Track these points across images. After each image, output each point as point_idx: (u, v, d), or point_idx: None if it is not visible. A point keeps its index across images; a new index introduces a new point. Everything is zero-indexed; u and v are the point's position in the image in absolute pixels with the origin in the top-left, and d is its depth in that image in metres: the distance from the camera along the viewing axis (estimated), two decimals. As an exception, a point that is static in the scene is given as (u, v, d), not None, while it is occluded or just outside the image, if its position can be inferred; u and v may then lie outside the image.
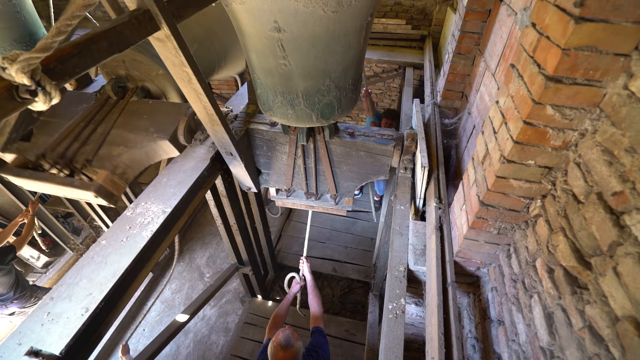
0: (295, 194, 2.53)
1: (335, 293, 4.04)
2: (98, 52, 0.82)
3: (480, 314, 1.54)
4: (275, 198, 2.56)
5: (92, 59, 0.80)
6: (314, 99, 1.50)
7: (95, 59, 0.82)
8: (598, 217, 0.81)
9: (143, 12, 0.93)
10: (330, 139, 1.99)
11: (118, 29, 0.86)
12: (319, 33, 1.21)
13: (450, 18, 3.23)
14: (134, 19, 0.91)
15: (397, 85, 4.83)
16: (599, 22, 0.75)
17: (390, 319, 1.28)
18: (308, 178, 2.29)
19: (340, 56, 1.37)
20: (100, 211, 3.70)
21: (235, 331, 3.67)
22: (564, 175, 1.01)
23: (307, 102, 1.51)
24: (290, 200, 2.54)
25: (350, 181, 2.24)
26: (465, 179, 1.51)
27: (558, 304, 0.96)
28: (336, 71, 1.42)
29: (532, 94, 0.93)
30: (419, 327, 2.18)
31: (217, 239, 4.76)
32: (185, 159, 1.97)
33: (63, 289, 1.31)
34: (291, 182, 2.32)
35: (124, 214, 1.63)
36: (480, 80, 1.95)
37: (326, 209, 2.55)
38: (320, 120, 1.61)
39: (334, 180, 2.24)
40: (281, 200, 2.56)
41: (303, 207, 2.60)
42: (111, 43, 0.85)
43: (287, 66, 1.34)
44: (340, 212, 2.64)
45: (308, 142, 2.00)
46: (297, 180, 2.34)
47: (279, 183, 2.39)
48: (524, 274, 1.18)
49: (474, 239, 1.41)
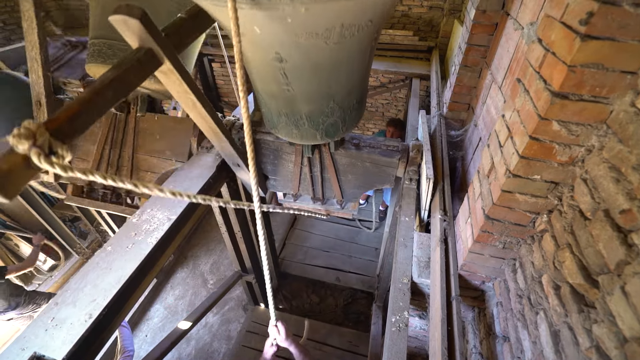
0: (302, 198, 2.58)
1: (339, 303, 4.01)
2: (104, 103, 0.81)
3: (485, 329, 1.52)
4: (283, 201, 2.63)
5: (98, 111, 0.80)
6: (318, 120, 1.51)
7: (101, 111, 0.81)
8: (605, 234, 0.80)
9: (145, 52, 0.92)
10: (336, 151, 2.00)
11: (122, 76, 0.85)
12: (321, 62, 1.20)
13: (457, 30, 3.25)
14: (135, 62, 0.90)
15: (403, 96, 4.85)
16: (605, 39, 0.75)
17: (393, 332, 1.27)
18: (314, 185, 2.32)
19: (344, 80, 1.36)
20: (106, 216, 3.74)
21: (237, 339, 3.64)
22: (570, 191, 1.00)
23: (311, 124, 1.52)
24: (298, 204, 2.58)
25: (356, 188, 2.26)
26: (470, 191, 1.51)
27: (565, 322, 0.94)
28: (340, 94, 1.42)
29: (538, 109, 0.93)
30: (422, 341, 2.14)
31: (221, 245, 4.77)
32: (192, 166, 2.00)
33: (68, 295, 1.33)
34: (298, 187, 2.35)
35: (129, 220, 1.64)
36: (486, 93, 1.95)
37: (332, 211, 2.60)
38: (324, 138, 1.62)
39: (339, 187, 2.26)
40: (289, 203, 2.62)
41: (310, 210, 2.62)
42: (116, 91, 0.84)
43: (291, 91, 1.34)
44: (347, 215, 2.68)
45: (314, 154, 2.02)
46: (303, 186, 2.37)
47: (286, 188, 2.42)
48: (530, 290, 1.16)
49: (479, 253, 1.40)
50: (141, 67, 0.91)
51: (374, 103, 5.08)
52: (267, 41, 1.10)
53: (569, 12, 0.82)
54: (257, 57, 1.23)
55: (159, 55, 0.95)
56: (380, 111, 5.18)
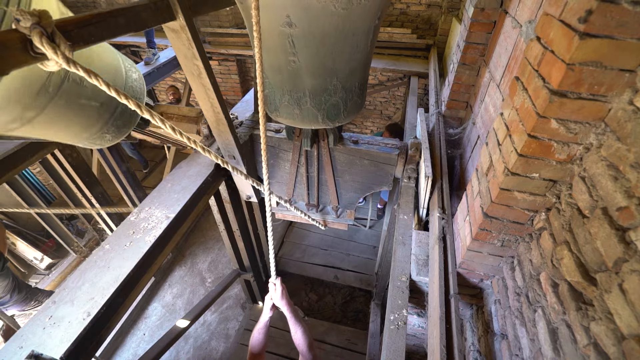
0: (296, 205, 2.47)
1: (337, 301, 4.02)
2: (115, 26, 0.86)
3: (483, 327, 1.52)
4: (275, 210, 2.50)
5: (108, 31, 0.84)
6: (321, 98, 1.51)
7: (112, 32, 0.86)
8: (603, 232, 0.81)
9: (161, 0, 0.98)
10: (335, 146, 1.99)
11: (136, 9, 0.91)
12: (328, 30, 1.23)
13: (456, 28, 3.25)
14: (152, 4, 0.95)
15: (401, 94, 4.85)
16: (603, 38, 0.75)
17: (392, 330, 1.27)
18: (310, 188, 2.27)
19: (347, 56, 1.38)
20: (104, 214, 3.73)
21: (235, 338, 3.64)
22: (568, 189, 1.00)
23: (313, 101, 1.52)
24: (291, 213, 2.45)
25: (352, 192, 2.22)
26: (469, 190, 1.51)
27: (562, 320, 0.94)
28: (343, 71, 1.44)
29: (537, 108, 0.93)
30: (421, 339, 2.15)
31: (219, 244, 4.76)
32: (190, 164, 1.99)
33: (66, 293, 1.32)
34: (292, 191, 2.30)
35: (128, 218, 1.64)
36: (485, 91, 1.95)
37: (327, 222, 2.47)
38: (325, 121, 1.61)
39: (336, 190, 2.22)
40: (281, 212, 2.50)
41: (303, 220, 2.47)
42: (128, 21, 0.89)
43: (296, 63, 1.35)
44: (341, 227, 2.51)
45: (312, 148, 2.00)
46: (298, 190, 2.32)
47: (280, 193, 2.37)
48: (528, 288, 1.16)
49: (478, 251, 1.40)
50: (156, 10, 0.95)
51: (372, 101, 5.08)
52: (280, 2, 1.13)
53: (568, 10, 0.82)
54: (268, 24, 1.25)
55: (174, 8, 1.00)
56: (379, 109, 5.18)
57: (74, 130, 1.70)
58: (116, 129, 1.86)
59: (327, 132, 1.93)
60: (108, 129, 1.83)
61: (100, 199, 3.55)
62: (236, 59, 5.06)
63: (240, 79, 5.31)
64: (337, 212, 2.39)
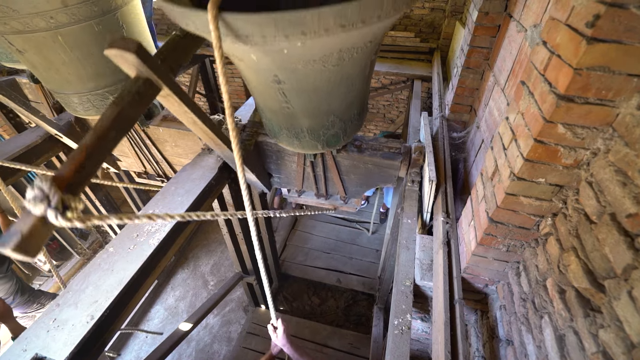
0: (306, 194, 2.63)
1: (340, 305, 4.00)
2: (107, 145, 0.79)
3: (488, 332, 1.51)
4: (287, 196, 2.66)
5: (102, 155, 0.78)
6: (319, 132, 1.52)
7: (105, 154, 0.79)
8: (611, 238, 0.80)
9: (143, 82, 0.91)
10: (338, 154, 2.01)
11: (123, 114, 0.82)
12: (319, 84, 1.20)
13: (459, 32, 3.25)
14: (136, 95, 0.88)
15: (404, 97, 4.85)
16: (611, 42, 0.74)
17: (396, 334, 1.26)
18: (318, 182, 2.36)
19: (343, 96, 1.36)
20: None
21: (237, 341, 3.63)
22: (575, 194, 0.99)
23: (312, 136, 1.54)
24: (302, 198, 2.63)
25: (358, 186, 2.29)
26: (473, 194, 1.50)
27: (570, 326, 0.93)
28: (340, 108, 1.43)
29: (543, 112, 0.93)
30: (425, 344, 2.13)
31: (222, 246, 4.76)
32: (194, 167, 1.99)
33: (70, 296, 1.32)
34: (302, 185, 2.40)
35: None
36: (489, 95, 1.94)
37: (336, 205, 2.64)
38: (325, 148, 1.63)
39: (342, 185, 2.29)
40: (293, 198, 2.65)
41: (314, 204, 2.70)
42: (118, 130, 0.81)
43: (290, 109, 1.35)
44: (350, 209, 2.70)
45: (316, 158, 2.04)
46: (307, 183, 2.41)
47: (289, 185, 2.47)
48: (534, 294, 1.15)
49: (482, 256, 1.39)
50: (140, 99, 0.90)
51: (375, 104, 5.08)
52: (265, 67, 1.10)
53: (575, 15, 0.81)
54: (256, 78, 1.25)
55: (157, 84, 0.95)
56: (382, 112, 5.17)
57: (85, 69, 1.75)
58: None
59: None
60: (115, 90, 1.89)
61: (104, 201, 3.57)
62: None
63: (243, 82, 5.33)
64: (345, 201, 2.51)
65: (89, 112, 1.95)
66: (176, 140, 2.29)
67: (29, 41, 1.56)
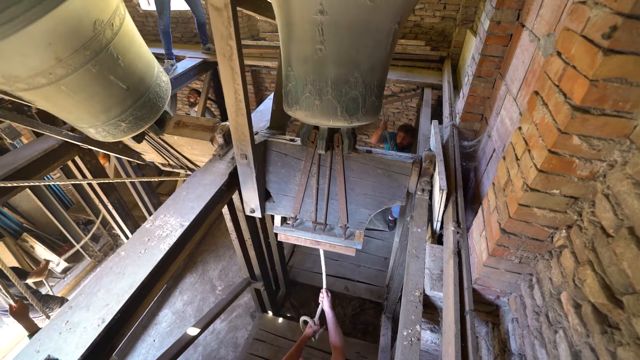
0: (300, 227, 2.37)
1: (347, 312, 3.96)
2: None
3: (499, 346, 1.47)
4: (279, 230, 2.37)
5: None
6: (342, 89, 1.56)
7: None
8: (630, 253, 0.78)
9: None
10: (348, 153, 1.99)
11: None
12: (355, 21, 1.32)
13: (470, 40, 3.24)
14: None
15: (414, 105, 4.84)
16: (629, 54, 0.73)
17: (405, 345, 1.25)
18: (319, 202, 2.20)
19: (370, 50, 1.45)
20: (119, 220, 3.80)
21: (244, 347, 3.63)
22: (591, 207, 0.97)
23: (334, 92, 1.56)
24: (295, 234, 2.36)
25: (363, 207, 2.16)
26: (485, 204, 1.48)
27: (586, 342, 0.91)
28: (364, 65, 1.50)
29: (558, 123, 0.91)
30: (434, 355, 2.09)
31: (230, 252, 4.79)
32: (205, 173, 2.02)
33: (82, 299, 1.34)
34: (300, 207, 2.23)
35: (143, 225, 1.66)
36: (500, 104, 1.93)
37: (334, 245, 2.35)
38: (344, 114, 1.63)
39: (346, 205, 2.16)
40: (285, 234, 2.39)
41: (308, 243, 2.40)
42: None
43: (323, 52, 1.42)
44: (349, 252, 2.37)
45: (326, 153, 1.98)
46: (306, 205, 2.24)
47: (286, 209, 2.29)
48: (548, 307, 1.13)
49: (494, 267, 1.37)
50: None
51: (385, 112, 5.08)
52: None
53: (591, 26, 0.81)
54: (301, 13, 1.35)
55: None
56: (392, 120, 5.17)
57: (93, 107, 1.79)
58: (133, 120, 1.97)
59: (343, 137, 1.93)
60: (126, 117, 1.93)
61: (116, 204, 3.63)
62: (251, 70, 5.15)
63: (254, 89, 5.40)
64: (345, 233, 2.28)
65: (107, 138, 2.03)
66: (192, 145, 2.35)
67: (36, 95, 1.60)
